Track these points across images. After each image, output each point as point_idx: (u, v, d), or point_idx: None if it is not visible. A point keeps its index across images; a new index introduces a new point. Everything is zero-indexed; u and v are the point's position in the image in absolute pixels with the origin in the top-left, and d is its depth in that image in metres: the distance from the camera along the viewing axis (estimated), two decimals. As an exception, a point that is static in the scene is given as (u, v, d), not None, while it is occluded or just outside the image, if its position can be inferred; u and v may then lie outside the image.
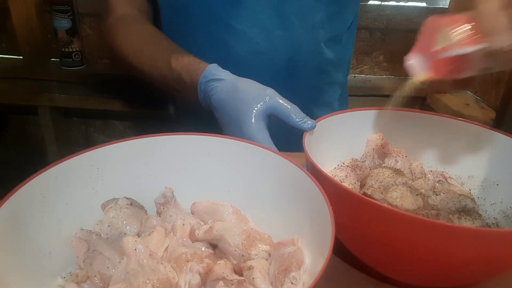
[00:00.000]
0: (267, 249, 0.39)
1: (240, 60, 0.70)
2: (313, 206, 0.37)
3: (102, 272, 0.36)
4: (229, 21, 0.68)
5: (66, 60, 1.19)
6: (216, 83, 0.56)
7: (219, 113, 0.56)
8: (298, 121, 0.49)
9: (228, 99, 0.54)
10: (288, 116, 0.50)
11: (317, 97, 0.80)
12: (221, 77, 0.56)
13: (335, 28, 0.74)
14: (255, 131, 0.50)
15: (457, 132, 0.55)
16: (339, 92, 0.84)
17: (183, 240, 0.40)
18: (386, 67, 1.31)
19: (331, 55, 0.76)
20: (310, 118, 0.50)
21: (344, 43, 0.79)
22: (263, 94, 0.52)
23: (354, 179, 0.48)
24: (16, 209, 0.34)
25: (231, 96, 0.54)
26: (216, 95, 0.55)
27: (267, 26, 0.69)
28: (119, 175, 0.44)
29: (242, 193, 0.45)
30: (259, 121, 0.51)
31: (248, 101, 0.52)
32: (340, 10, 0.73)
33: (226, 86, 0.55)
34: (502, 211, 0.48)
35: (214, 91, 0.56)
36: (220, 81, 0.56)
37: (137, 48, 0.68)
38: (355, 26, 0.82)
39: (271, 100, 0.51)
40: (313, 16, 0.70)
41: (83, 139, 1.39)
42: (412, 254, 0.37)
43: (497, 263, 0.37)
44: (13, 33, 1.17)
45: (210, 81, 0.57)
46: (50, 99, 1.23)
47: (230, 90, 0.54)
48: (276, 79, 0.55)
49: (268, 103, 0.51)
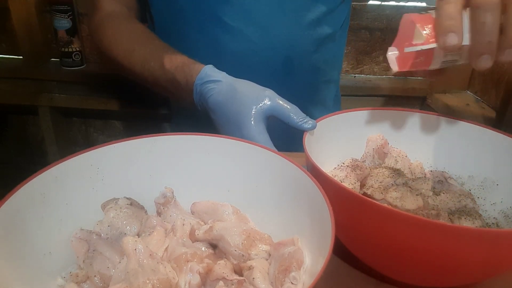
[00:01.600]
0: (267, 249, 0.39)
1: (234, 59, 0.69)
2: (313, 206, 0.37)
3: (102, 272, 0.36)
4: (223, 18, 0.67)
5: (66, 60, 1.19)
6: (213, 85, 0.55)
7: (216, 116, 0.55)
8: (299, 121, 0.49)
9: (226, 102, 0.53)
10: (288, 117, 0.50)
11: (312, 95, 0.79)
12: (218, 79, 0.55)
13: (329, 26, 0.74)
14: (255, 133, 0.50)
15: (457, 132, 0.55)
16: (333, 91, 0.84)
17: (183, 240, 0.40)
18: (386, 67, 1.31)
19: (326, 53, 0.76)
20: (310, 118, 0.50)
21: (338, 41, 0.78)
22: (262, 96, 0.51)
23: (354, 179, 0.48)
24: (16, 209, 0.34)
25: (229, 98, 0.53)
26: (213, 97, 0.55)
27: (263, 24, 0.68)
28: (119, 175, 0.44)
29: (242, 193, 0.45)
30: (258, 123, 0.50)
31: (247, 103, 0.51)
32: (334, 8, 0.73)
33: (223, 88, 0.54)
34: (502, 211, 0.48)
35: (211, 93, 0.55)
36: (217, 83, 0.55)
37: (128, 48, 0.66)
38: (348, 24, 0.81)
39: (270, 101, 0.51)
40: (309, 14, 0.70)
41: (83, 139, 1.39)
42: (412, 254, 0.37)
43: (497, 263, 0.37)
44: (13, 33, 1.17)
45: (206, 82, 0.55)
46: (50, 99, 1.23)
47: (228, 92, 0.53)
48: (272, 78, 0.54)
49: (267, 105, 0.51)
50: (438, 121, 0.56)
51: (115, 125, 1.38)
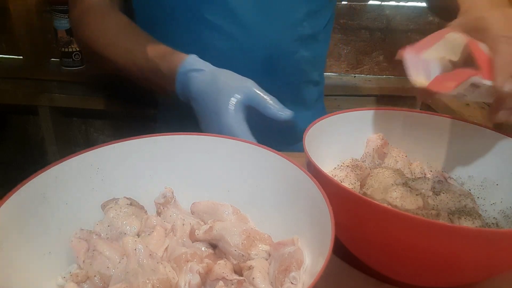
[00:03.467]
0: (267, 249, 0.39)
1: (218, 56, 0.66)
2: (313, 206, 0.37)
3: (102, 272, 0.36)
4: (206, 16, 0.66)
5: (66, 60, 1.18)
6: (196, 74, 0.55)
7: (197, 105, 0.55)
8: (275, 111, 0.50)
9: (207, 90, 0.53)
10: (265, 107, 0.51)
11: (294, 95, 0.79)
12: (201, 68, 0.55)
13: (313, 27, 0.73)
14: (233, 122, 0.50)
15: (457, 132, 0.55)
16: (315, 91, 0.83)
17: (183, 240, 0.40)
18: (386, 67, 1.31)
19: (308, 53, 0.75)
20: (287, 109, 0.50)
21: (321, 42, 0.78)
22: (242, 85, 0.52)
23: (354, 179, 0.48)
24: (16, 209, 0.34)
25: (210, 87, 0.53)
26: (196, 86, 0.55)
27: (246, 22, 0.68)
28: (119, 175, 0.44)
29: (242, 193, 0.45)
30: (237, 112, 0.51)
31: (227, 92, 0.51)
32: (318, 8, 0.72)
33: (206, 77, 0.54)
34: (502, 211, 0.48)
35: (193, 82, 0.55)
36: (200, 72, 0.55)
37: (111, 40, 0.65)
38: (332, 25, 0.81)
39: (249, 91, 0.52)
40: (292, 13, 0.70)
41: (83, 139, 1.39)
42: (412, 254, 0.37)
43: (497, 263, 0.37)
44: (13, 33, 1.17)
45: (189, 71, 0.56)
46: (50, 99, 1.23)
47: (209, 81, 0.54)
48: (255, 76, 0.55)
49: (247, 94, 0.51)
50: (438, 121, 0.55)
51: (115, 125, 1.38)
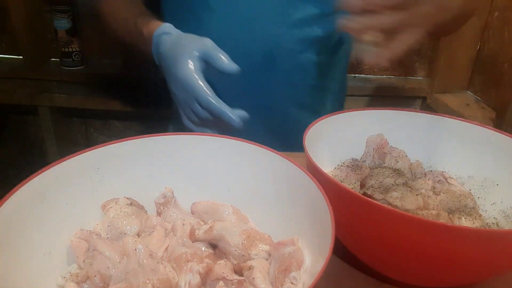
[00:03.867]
0: (267, 249, 0.39)
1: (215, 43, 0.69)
2: (313, 206, 0.37)
3: (102, 272, 0.36)
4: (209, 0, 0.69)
5: (66, 60, 1.18)
6: (165, 36, 0.63)
7: (164, 63, 0.62)
8: (223, 63, 0.55)
9: (171, 49, 0.61)
10: (216, 59, 0.56)
11: (297, 98, 0.77)
12: (171, 32, 0.63)
13: (321, 29, 0.72)
14: (190, 70, 0.56)
15: (457, 132, 0.55)
16: (326, 98, 0.81)
17: (183, 240, 0.40)
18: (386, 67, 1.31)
19: (316, 57, 0.74)
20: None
21: (336, 49, 0.77)
22: (200, 40, 0.58)
23: (354, 179, 0.48)
24: (16, 209, 0.34)
25: (174, 46, 0.61)
26: (164, 46, 0.62)
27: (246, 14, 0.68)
28: (119, 175, 0.44)
29: (242, 193, 0.45)
30: (194, 61, 0.57)
31: (186, 45, 0.58)
32: (328, 12, 0.71)
33: (172, 38, 0.62)
34: (502, 211, 0.48)
35: (162, 43, 0.63)
36: (169, 35, 0.63)
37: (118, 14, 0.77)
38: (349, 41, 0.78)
39: (205, 47, 0.57)
40: (295, 12, 0.69)
41: (83, 139, 1.39)
42: (412, 254, 0.37)
43: (497, 263, 0.37)
44: (13, 33, 1.17)
45: (161, 34, 0.64)
46: (50, 99, 1.23)
47: (174, 40, 0.62)
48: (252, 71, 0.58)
49: (203, 50, 0.57)
50: (438, 121, 0.56)
51: (115, 125, 1.38)
